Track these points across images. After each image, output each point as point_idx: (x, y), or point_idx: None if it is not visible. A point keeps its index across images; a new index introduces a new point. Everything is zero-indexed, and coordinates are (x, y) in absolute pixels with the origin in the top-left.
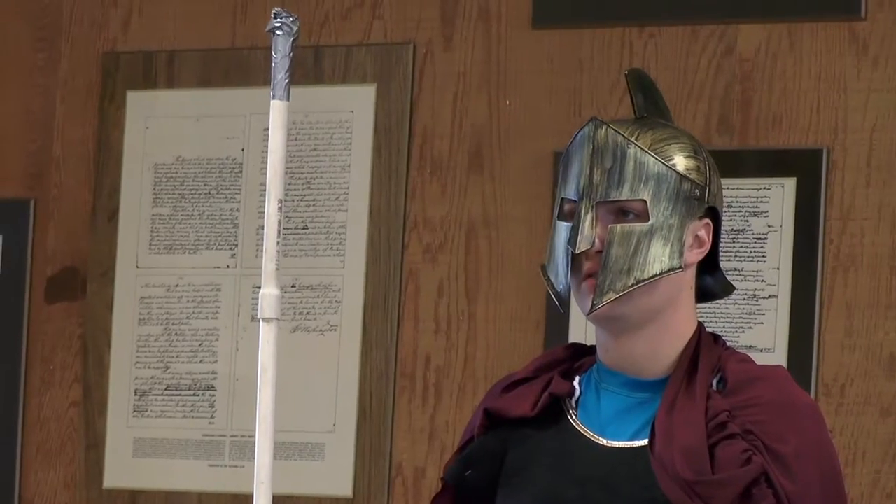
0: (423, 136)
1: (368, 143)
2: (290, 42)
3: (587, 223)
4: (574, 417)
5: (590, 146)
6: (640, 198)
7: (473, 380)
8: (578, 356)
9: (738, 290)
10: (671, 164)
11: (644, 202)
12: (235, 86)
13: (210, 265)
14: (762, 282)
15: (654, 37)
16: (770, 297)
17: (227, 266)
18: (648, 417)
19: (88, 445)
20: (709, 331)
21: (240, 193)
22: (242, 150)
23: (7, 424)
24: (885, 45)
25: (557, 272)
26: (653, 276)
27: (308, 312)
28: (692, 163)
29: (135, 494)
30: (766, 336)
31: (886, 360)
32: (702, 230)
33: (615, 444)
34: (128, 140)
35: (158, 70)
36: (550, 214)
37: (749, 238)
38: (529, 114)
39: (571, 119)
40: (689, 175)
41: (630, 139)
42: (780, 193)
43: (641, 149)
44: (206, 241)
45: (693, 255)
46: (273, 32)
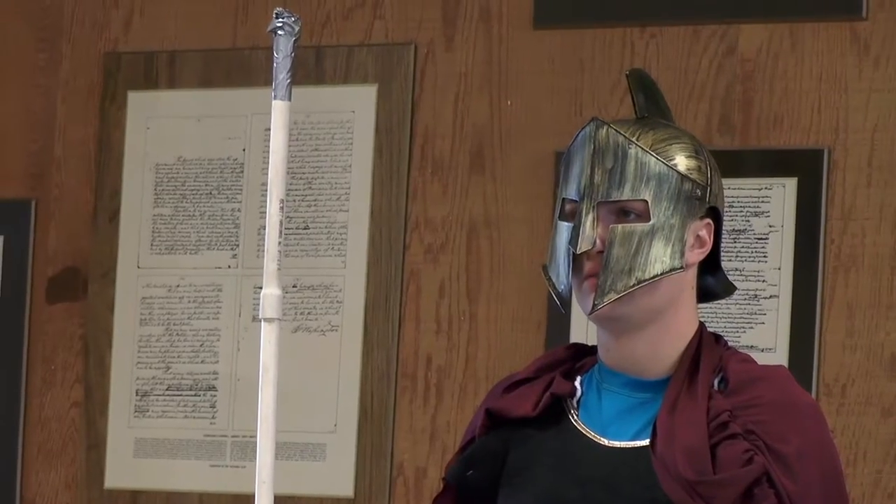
0: (425, 137)
1: (370, 144)
2: (292, 42)
3: (588, 223)
4: (575, 418)
5: (591, 146)
6: (642, 198)
7: (475, 380)
8: (580, 356)
9: (740, 290)
10: (672, 165)
11: (645, 202)
12: (237, 86)
13: (211, 265)
14: (763, 282)
15: (656, 37)
16: (771, 297)
17: (229, 266)
18: (650, 417)
19: (89, 446)
20: (710, 331)
21: (241, 194)
22: (244, 151)
23: (8, 424)
24: (887, 45)
25: (559, 272)
26: (654, 277)
27: (309, 313)
28: (693, 163)
29: (136, 495)
30: (768, 336)
31: (887, 361)
32: (703, 230)
33: (617, 445)
34: (129, 140)
35: (160, 70)
36: (552, 215)
37: (750, 238)
38: (531, 114)
39: (573, 119)
40: (691, 175)
41: (631, 139)
42: (782, 193)
43: (642, 149)
44: (208, 242)
45: (694, 255)
46: (275, 32)
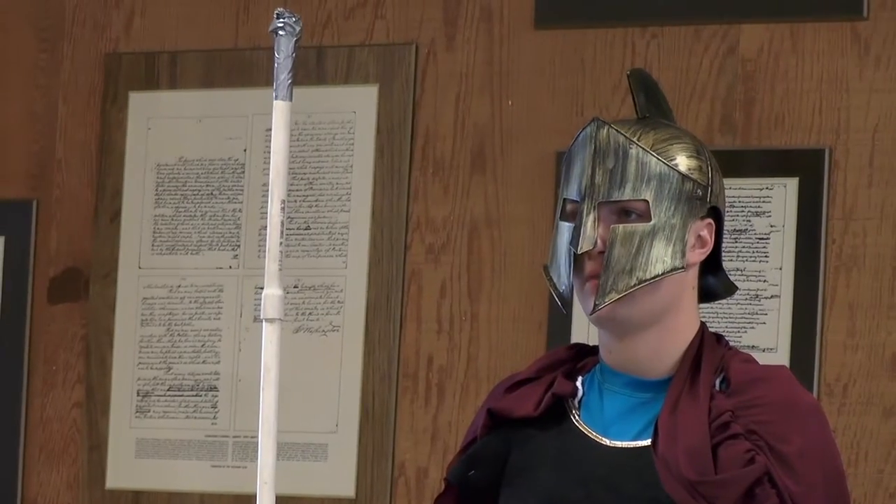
0: (426, 137)
1: (371, 144)
2: (293, 42)
3: (589, 223)
4: (577, 418)
5: (592, 146)
6: (643, 198)
7: (476, 380)
8: (581, 356)
9: (741, 290)
10: (673, 165)
11: (646, 202)
12: (238, 86)
13: (212, 266)
14: (764, 282)
15: (657, 37)
16: (772, 297)
17: (230, 267)
18: (651, 417)
19: (91, 446)
20: (712, 331)
21: (242, 194)
22: (245, 151)
23: (10, 425)
24: (888, 45)
25: (560, 273)
26: (655, 277)
27: (310, 313)
28: (694, 163)
29: (137, 495)
30: (769, 336)
31: (889, 360)
32: (704, 230)
33: (618, 445)
34: (130, 141)
35: (161, 71)
36: (553, 215)
37: (751, 238)
38: (532, 114)
39: (574, 119)
40: (692, 175)
41: (632, 139)
42: (783, 193)
43: (643, 149)
44: (209, 242)
45: (695, 255)
46: (276, 33)
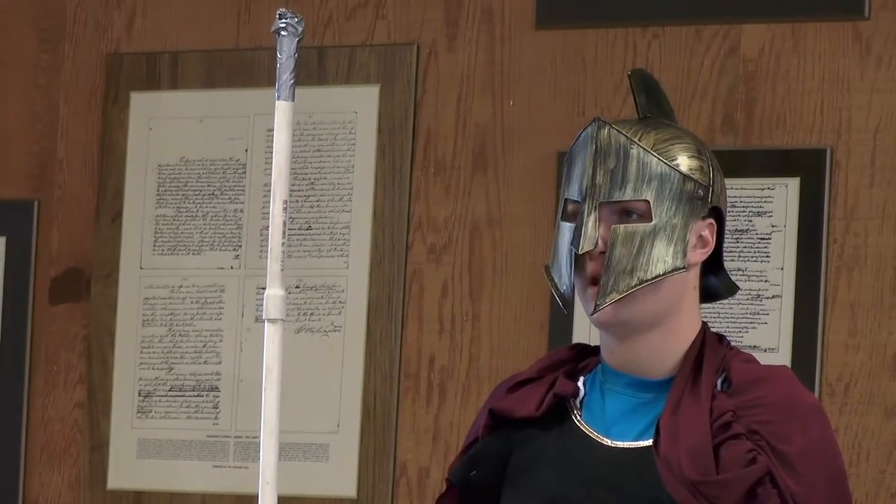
0: (427, 137)
1: (372, 144)
2: (295, 43)
3: (590, 224)
4: (579, 418)
5: (592, 147)
6: (643, 198)
7: (478, 380)
8: (583, 356)
9: (742, 290)
10: (674, 165)
11: (647, 202)
12: (239, 86)
13: (214, 266)
14: (766, 282)
15: (658, 37)
16: (774, 297)
17: (231, 267)
18: (653, 418)
19: (92, 446)
20: (713, 331)
21: (243, 194)
22: (246, 151)
23: (11, 425)
24: (889, 45)
25: (561, 273)
26: (656, 277)
27: (312, 313)
28: (695, 163)
29: (139, 495)
30: (770, 336)
31: (890, 360)
32: (705, 230)
33: (620, 445)
34: (131, 141)
35: (162, 71)
36: (554, 215)
37: (753, 238)
38: (533, 114)
39: (575, 119)
40: (693, 175)
41: (633, 139)
42: (784, 193)
43: (644, 149)
44: (210, 242)
45: (697, 256)
46: (278, 33)
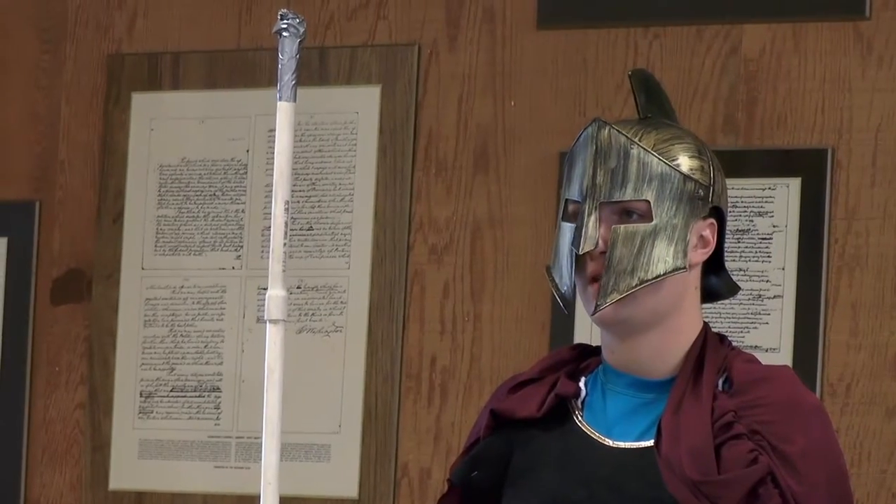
0: (428, 137)
1: (373, 145)
2: (297, 43)
3: (591, 224)
4: (580, 418)
5: (593, 147)
6: (644, 198)
7: (479, 380)
8: (584, 357)
9: (744, 291)
10: (675, 165)
11: (647, 202)
12: (240, 87)
13: (215, 266)
14: (767, 282)
15: (659, 37)
16: (775, 298)
17: (233, 267)
18: (654, 418)
19: (94, 447)
20: (714, 331)
21: (245, 195)
22: (247, 152)
23: (13, 426)
24: (890, 45)
25: (562, 273)
26: (657, 277)
27: (313, 314)
28: (696, 163)
29: (140, 496)
30: (772, 336)
31: (892, 360)
32: (706, 230)
33: (621, 445)
34: (133, 142)
35: (163, 72)
36: (556, 215)
37: (754, 238)
38: (534, 114)
39: (576, 119)
40: (693, 175)
41: (633, 140)
42: (785, 193)
43: (644, 149)
44: (212, 243)
45: (697, 256)
46: (279, 34)
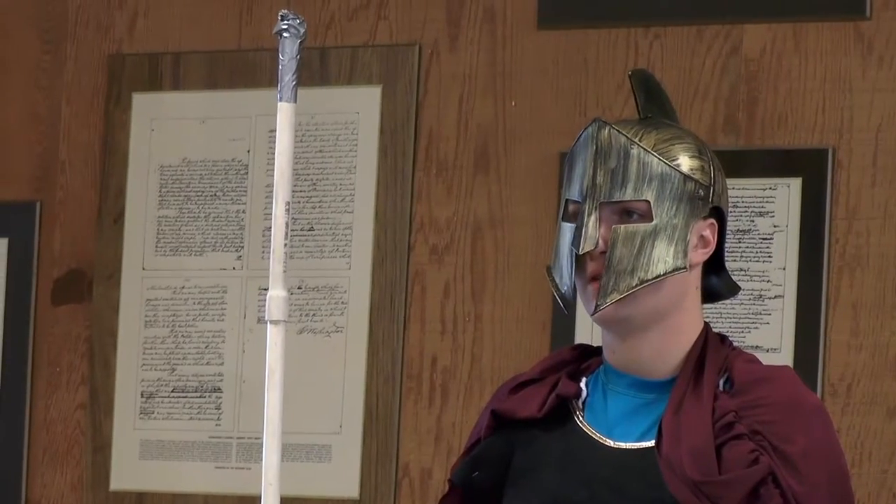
0: (429, 138)
1: (374, 145)
2: (298, 44)
3: (591, 224)
4: (581, 419)
5: (593, 147)
6: (644, 198)
7: (480, 381)
8: (585, 357)
9: (744, 291)
10: (675, 165)
11: (648, 202)
12: (241, 87)
13: (216, 267)
14: (768, 282)
15: (660, 37)
16: (776, 298)
17: (234, 268)
18: (655, 418)
19: (95, 447)
20: (715, 331)
21: (246, 195)
22: (248, 152)
23: (13, 427)
24: (891, 45)
25: (562, 273)
26: (657, 277)
27: (314, 314)
28: (696, 163)
29: (141, 496)
30: (773, 336)
31: (892, 360)
32: (706, 230)
33: (622, 445)
34: (133, 142)
35: (164, 72)
36: (556, 215)
37: (755, 238)
38: (535, 114)
39: (577, 120)
40: (693, 175)
41: (633, 140)
42: (786, 193)
43: (645, 149)
44: (212, 243)
45: (698, 256)
46: (280, 35)
